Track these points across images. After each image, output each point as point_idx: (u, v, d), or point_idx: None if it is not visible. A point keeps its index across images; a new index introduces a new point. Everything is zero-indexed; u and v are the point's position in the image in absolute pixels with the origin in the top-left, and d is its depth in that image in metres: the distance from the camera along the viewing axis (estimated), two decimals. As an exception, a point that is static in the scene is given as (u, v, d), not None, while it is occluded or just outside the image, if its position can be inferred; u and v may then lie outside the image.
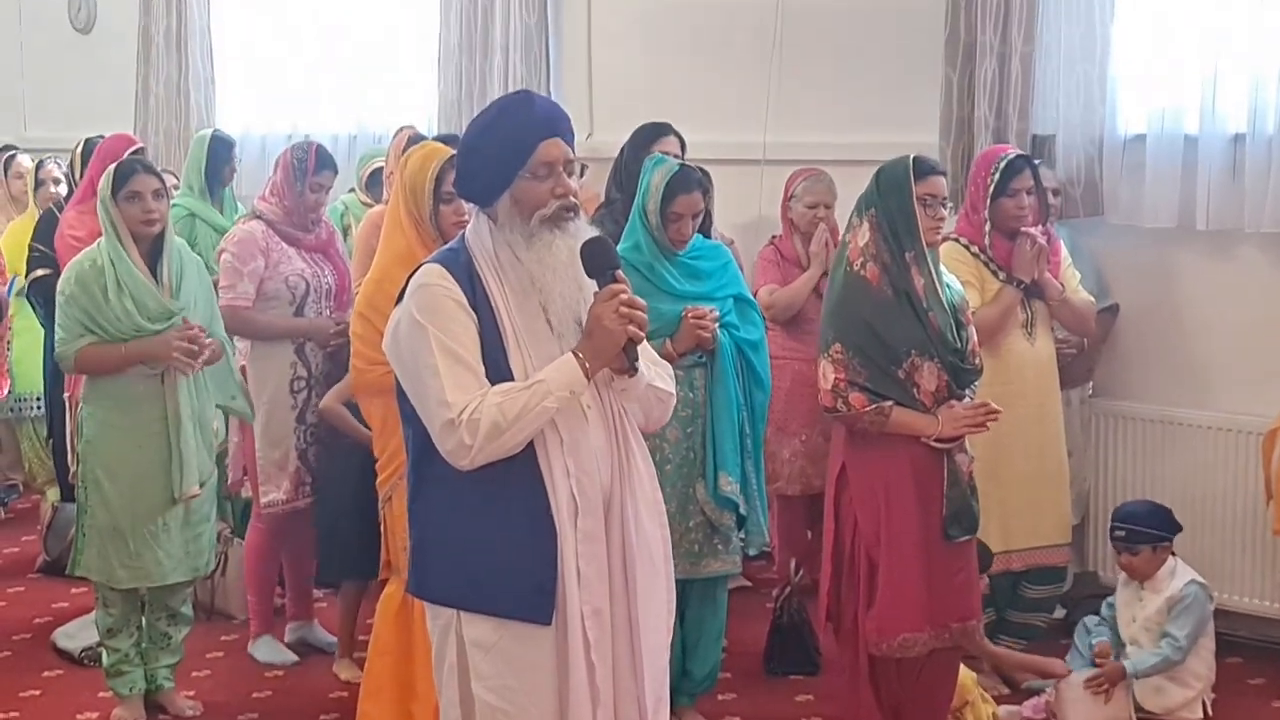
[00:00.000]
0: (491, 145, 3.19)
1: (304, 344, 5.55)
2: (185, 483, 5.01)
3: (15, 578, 6.76)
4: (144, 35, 9.40)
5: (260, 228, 5.54)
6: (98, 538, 5.05)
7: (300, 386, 5.54)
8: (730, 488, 4.88)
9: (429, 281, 3.17)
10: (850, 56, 6.79)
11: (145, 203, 4.98)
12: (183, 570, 5.15)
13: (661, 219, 4.90)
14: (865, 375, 4.31)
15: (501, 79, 7.70)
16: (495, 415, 3.04)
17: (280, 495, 5.54)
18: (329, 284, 5.60)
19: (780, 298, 5.99)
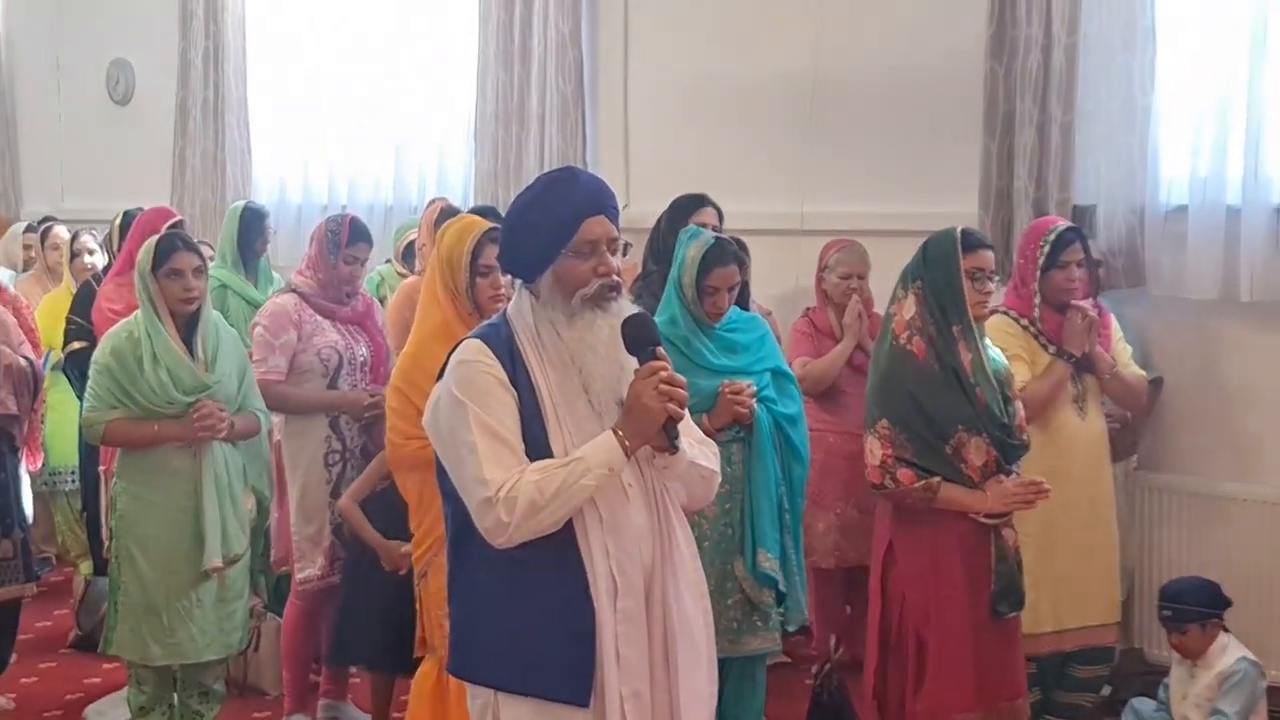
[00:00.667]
0: (536, 222, 3.17)
1: (338, 417, 5.50)
2: (208, 555, 4.97)
3: (47, 653, 6.70)
4: (181, 107, 9.48)
5: (293, 301, 5.52)
6: (131, 615, 5.02)
7: (335, 460, 5.50)
8: (769, 564, 4.81)
9: (469, 358, 3.15)
10: (887, 126, 6.77)
11: (185, 280, 4.98)
12: (216, 647, 5.11)
13: (697, 292, 4.86)
14: (912, 451, 4.26)
15: (538, 150, 7.71)
16: (533, 493, 3.01)
17: (315, 571, 5.49)
18: (363, 356, 5.56)
19: (814, 370, 5.94)
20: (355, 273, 5.60)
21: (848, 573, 5.94)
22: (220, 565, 5.01)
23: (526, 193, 3.29)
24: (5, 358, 5.65)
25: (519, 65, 7.81)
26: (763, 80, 7.15)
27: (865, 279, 6.09)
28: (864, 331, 5.96)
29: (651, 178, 7.46)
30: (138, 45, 10.18)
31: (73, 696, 6.12)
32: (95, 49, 10.43)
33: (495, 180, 7.88)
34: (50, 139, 10.89)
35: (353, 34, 8.81)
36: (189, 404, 4.97)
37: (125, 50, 10.30)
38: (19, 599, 5.89)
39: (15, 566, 5.77)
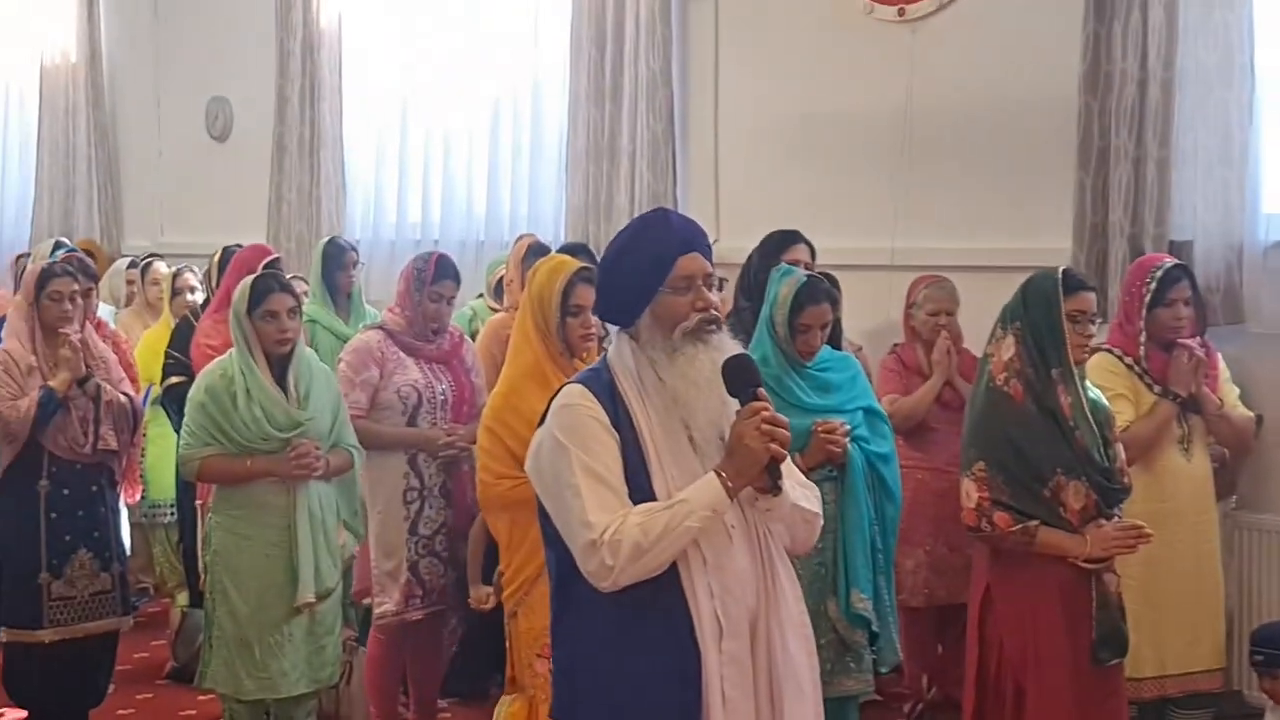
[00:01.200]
0: (631, 263, 3.19)
1: (417, 455, 5.52)
2: (300, 590, 5.02)
3: (144, 683, 6.78)
4: (278, 143, 9.61)
5: (378, 338, 5.57)
6: (225, 649, 5.08)
7: (413, 497, 5.51)
8: (863, 604, 4.78)
9: (571, 401, 3.16)
10: (980, 160, 6.73)
11: (280, 322, 5.04)
12: (307, 681, 5.15)
13: (790, 330, 4.84)
14: (1009, 494, 4.22)
15: (628, 186, 7.73)
16: (637, 535, 3.00)
17: (391, 606, 5.51)
18: (444, 395, 5.58)
19: (902, 407, 5.89)
20: (441, 310, 5.62)
21: (939, 611, 5.88)
22: (313, 600, 5.06)
23: (619, 237, 3.31)
24: (106, 394, 5.75)
25: (610, 102, 7.85)
26: (854, 116, 7.13)
27: (954, 315, 6.04)
28: (952, 368, 5.91)
29: (742, 213, 7.46)
30: (236, 82, 10.35)
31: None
32: (195, 86, 10.61)
33: (586, 216, 7.91)
34: (151, 175, 11.08)
35: (446, 70, 8.89)
36: (283, 440, 5.03)
37: (224, 88, 10.47)
38: (116, 631, 5.99)
39: (113, 599, 5.87)
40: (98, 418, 5.73)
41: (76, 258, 6.72)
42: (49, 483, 5.71)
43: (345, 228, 9.19)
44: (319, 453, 5.07)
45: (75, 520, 5.75)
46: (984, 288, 5.87)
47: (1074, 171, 6.17)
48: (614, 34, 7.79)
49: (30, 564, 5.71)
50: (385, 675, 5.74)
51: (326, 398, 5.21)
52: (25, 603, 5.72)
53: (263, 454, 5.05)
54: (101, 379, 5.78)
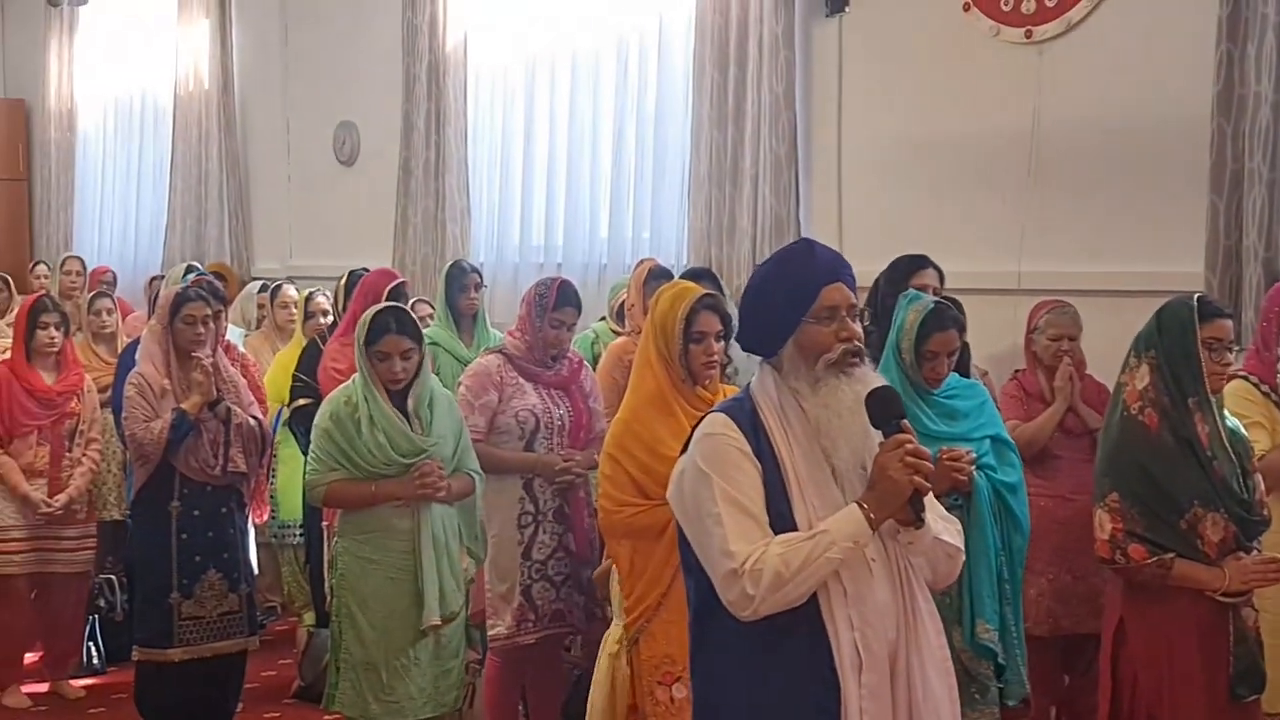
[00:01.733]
0: (775, 293, 3.20)
1: (532, 480, 5.54)
2: (426, 613, 5.06)
3: (271, 702, 6.87)
4: (404, 168, 9.72)
5: (497, 362, 5.60)
6: (352, 672, 5.13)
7: (528, 522, 5.53)
8: (988, 635, 4.71)
9: (714, 431, 3.17)
10: (1109, 184, 6.61)
11: (392, 364, 5.08)
12: (433, 705, 5.18)
13: (916, 357, 4.80)
14: (1144, 526, 4.13)
15: (751, 210, 7.70)
16: (778, 565, 3.00)
17: (504, 629, 5.52)
18: (561, 420, 5.59)
19: (1024, 434, 5.77)
20: (561, 337, 5.64)
21: (1064, 640, 5.77)
22: (439, 623, 5.10)
23: (763, 268, 3.35)
24: (236, 417, 5.85)
25: (733, 126, 7.83)
26: (979, 138, 7.05)
27: (1076, 340, 5.93)
28: (1075, 394, 5.80)
29: (865, 237, 7.40)
30: (363, 108, 10.50)
31: (295, 747, 6.27)
32: (323, 112, 10.78)
33: (709, 239, 7.90)
34: (280, 200, 11.28)
35: (569, 93, 8.94)
36: (406, 466, 5.08)
37: (351, 113, 10.62)
38: (244, 651, 6.08)
39: (241, 620, 5.97)
40: (228, 440, 5.84)
41: (207, 281, 6.86)
42: (180, 504, 5.83)
43: (469, 251, 9.27)
44: (443, 473, 5.10)
45: (205, 541, 5.86)
46: (1113, 312, 5.78)
47: (1206, 195, 6.04)
48: (737, 57, 7.77)
49: (161, 584, 5.83)
50: (503, 698, 5.76)
51: (449, 423, 5.24)
52: (157, 622, 5.85)
53: (387, 479, 5.10)
54: (231, 402, 5.89)
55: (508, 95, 9.39)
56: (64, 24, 13.52)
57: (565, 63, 8.98)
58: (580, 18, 8.87)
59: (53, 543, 6.76)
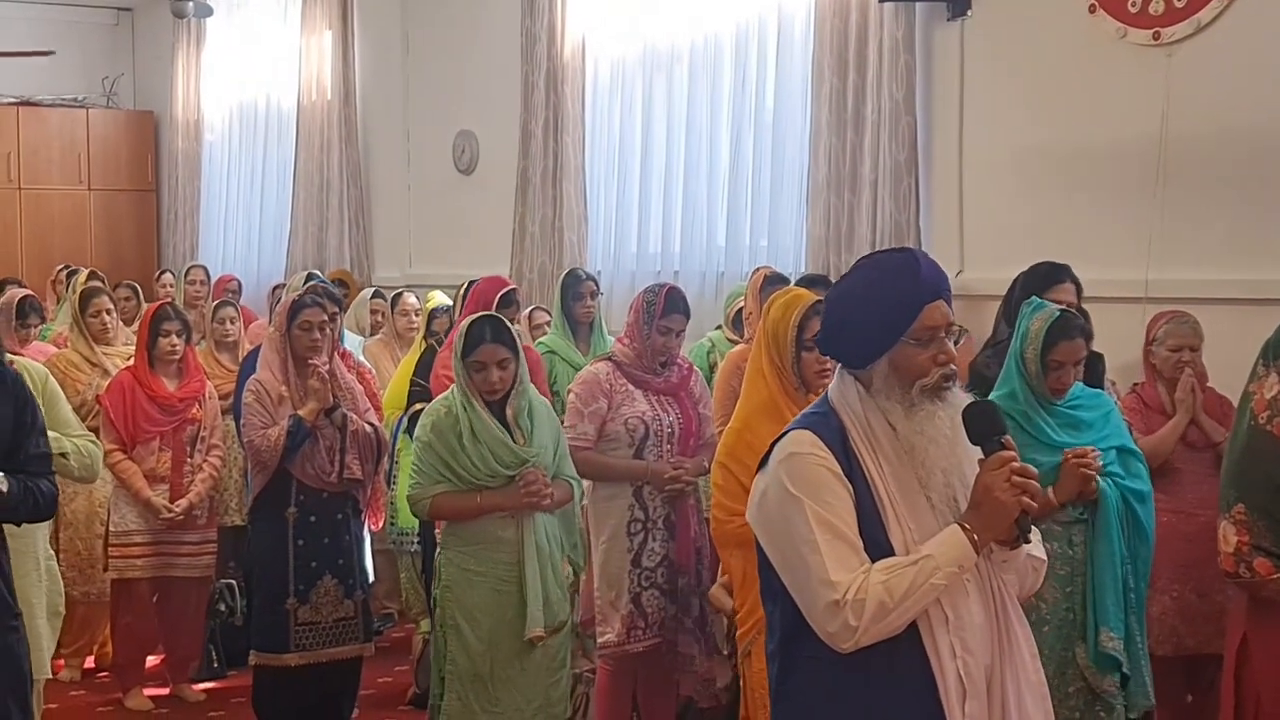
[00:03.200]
0: (874, 306, 3.03)
1: (642, 487, 5.49)
2: (530, 623, 5.02)
3: (387, 708, 6.90)
4: (522, 176, 9.76)
5: (607, 369, 5.56)
6: (458, 684, 5.10)
7: (637, 529, 5.49)
8: (1113, 644, 4.59)
9: (802, 450, 3.02)
10: (1239, 189, 6.42)
11: (488, 374, 5.05)
12: (543, 716, 5.14)
13: (1041, 367, 4.68)
14: (1271, 539, 3.97)
15: (869, 217, 7.60)
16: (881, 594, 2.88)
17: (613, 636, 5.49)
18: (671, 427, 5.53)
19: (1144, 447, 5.60)
20: (670, 343, 5.59)
21: (1188, 660, 5.62)
22: (543, 634, 5.05)
23: (858, 273, 3.18)
24: (352, 424, 5.88)
25: (851, 131, 7.74)
26: (1105, 144, 6.89)
27: (1197, 351, 5.76)
28: (1197, 406, 5.64)
29: (986, 245, 7.28)
30: (482, 117, 10.56)
31: (409, 753, 6.28)
32: (443, 121, 10.87)
33: (827, 246, 7.81)
34: (400, 208, 11.38)
35: (686, 100, 8.91)
36: (510, 476, 5.05)
37: (471, 122, 10.69)
38: (360, 657, 6.11)
39: (355, 626, 6.00)
40: (344, 447, 5.87)
41: (323, 287, 6.92)
42: (297, 510, 5.87)
43: (586, 259, 9.28)
44: (547, 481, 5.08)
45: (321, 547, 5.90)
46: (1242, 321, 5.61)
47: (1344, 197, 5.87)
48: (856, 62, 7.68)
49: (278, 589, 5.88)
50: (614, 706, 5.73)
51: (549, 432, 5.22)
52: (273, 627, 5.89)
53: (491, 490, 5.07)
54: (348, 409, 5.91)
55: (625, 103, 9.38)
56: (191, 36, 13.78)
57: (683, 69, 8.95)
58: (699, 20, 8.82)
59: (174, 547, 6.82)
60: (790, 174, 8.30)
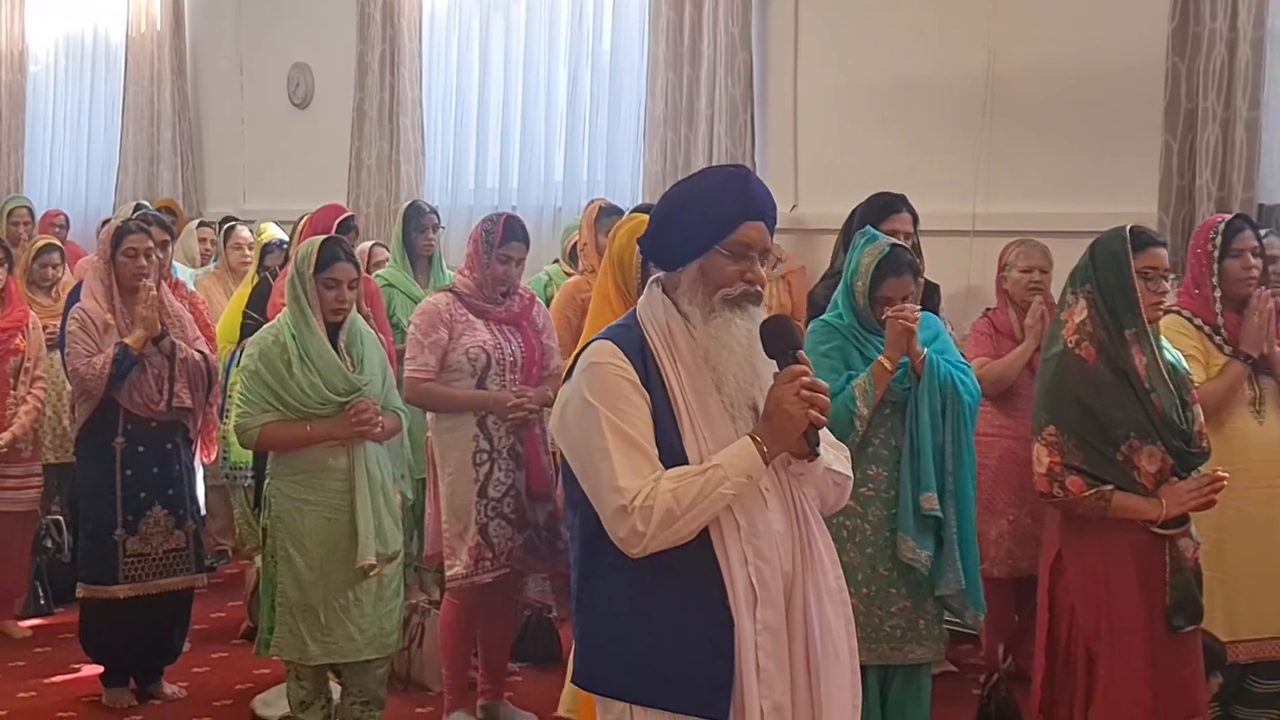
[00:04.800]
0: (697, 210, 3.07)
1: (486, 417, 5.48)
2: (361, 552, 4.98)
3: (220, 643, 6.83)
4: (358, 110, 9.66)
5: (447, 300, 5.54)
6: (289, 614, 5.05)
7: (483, 460, 5.47)
8: (932, 505, 4.65)
9: (600, 360, 3.05)
10: (1064, 124, 6.60)
11: (341, 291, 5.01)
12: (375, 646, 5.11)
13: (869, 301, 4.77)
14: (1082, 459, 4.11)
15: (706, 150, 7.67)
16: (669, 501, 2.92)
17: (461, 569, 5.48)
18: (513, 356, 5.53)
19: (992, 371, 5.79)
20: (510, 272, 5.57)
21: (1020, 582, 5.79)
22: (374, 562, 5.01)
23: (694, 180, 3.22)
24: (181, 352, 5.78)
25: (688, 67, 7.78)
26: (934, 80, 7.02)
27: (1048, 274, 5.92)
28: (1045, 333, 5.81)
29: (820, 179, 7.38)
30: (317, 49, 10.40)
31: (243, 686, 6.21)
32: (276, 54, 10.68)
33: (664, 181, 7.83)
34: (234, 142, 11.18)
35: (524, 36, 8.87)
36: (340, 405, 5.00)
37: (305, 54, 10.53)
38: (191, 589, 6.03)
39: (187, 557, 5.92)
40: (173, 375, 5.77)
41: (151, 214, 6.77)
42: (124, 440, 5.76)
43: (424, 193, 9.22)
44: (378, 410, 5.05)
45: (150, 477, 5.80)
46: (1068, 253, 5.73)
47: (1160, 134, 6.04)
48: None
49: (106, 520, 5.77)
50: (457, 638, 5.73)
51: (377, 361, 5.18)
52: (101, 558, 5.79)
53: (321, 419, 5.02)
54: (177, 337, 5.81)
55: (463, 37, 9.32)
56: (13, -35, 13.34)
57: (520, 3, 8.90)
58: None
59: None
60: (627, 109, 8.33)
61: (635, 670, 3.04)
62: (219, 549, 8.05)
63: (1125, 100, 6.36)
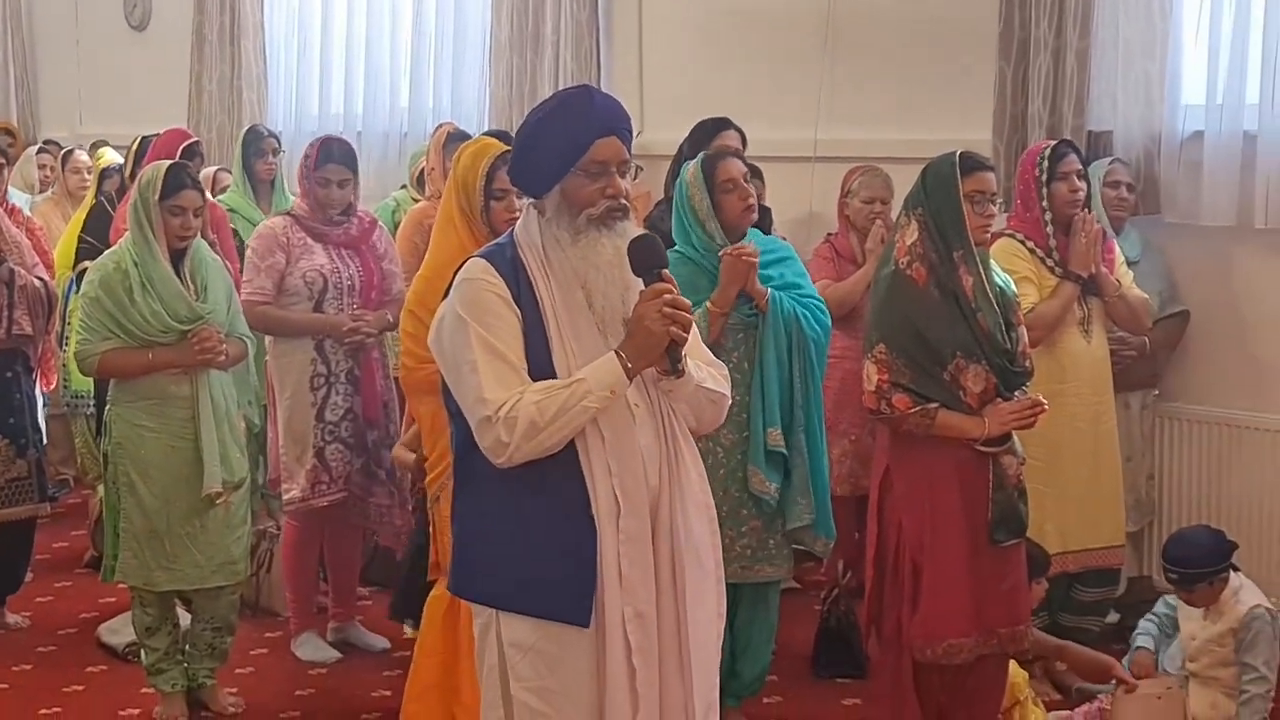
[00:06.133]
0: (548, 137, 3.14)
1: (324, 341, 5.49)
2: (207, 480, 4.96)
3: (63, 572, 6.77)
4: (197, 32, 9.49)
5: (284, 223, 5.53)
6: (134, 542, 5.01)
7: (320, 384, 5.49)
8: (777, 441, 4.73)
9: (473, 276, 3.14)
10: (902, 52, 6.72)
11: (186, 219, 4.96)
12: (223, 573, 5.10)
13: (712, 203, 4.79)
14: (909, 377, 4.23)
15: (552, 76, 7.68)
16: (533, 413, 3.00)
17: (298, 492, 5.51)
18: (351, 280, 5.53)
19: (834, 294, 5.90)
20: (331, 195, 5.54)
21: (860, 500, 5.90)
22: (220, 490, 4.98)
23: (541, 107, 3.26)
24: (20, 278, 5.68)
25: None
26: (777, 8, 7.10)
27: (889, 204, 6.05)
28: (882, 258, 5.94)
29: (666, 105, 7.43)
30: (155, -31, 10.18)
31: (87, 615, 6.17)
32: (112, -27, 10.43)
33: (510, 106, 7.85)
34: (69, 64, 10.92)
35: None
36: (183, 332, 4.95)
37: (142, -26, 10.29)
38: (34, 518, 5.96)
39: (30, 486, 5.85)
40: (11, 302, 5.69)
41: (-17, 135, 6.62)
42: (-37, 367, 5.66)
43: (266, 119, 9.10)
44: (221, 338, 5.01)
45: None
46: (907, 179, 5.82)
47: (995, 62, 6.18)
48: (538, -78, 7.70)
49: (-54, 448, 5.67)
50: (300, 562, 5.76)
51: (221, 288, 5.13)
52: (-59, 488, 5.69)
53: (163, 347, 4.96)
54: (15, 263, 5.70)
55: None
56: None
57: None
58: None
59: None
60: (473, 34, 8.30)
61: (503, 578, 3.14)
62: (60, 478, 7.93)
63: (962, 29, 6.49)
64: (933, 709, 4.45)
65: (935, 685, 4.42)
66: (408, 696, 4.65)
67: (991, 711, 4.59)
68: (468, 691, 4.30)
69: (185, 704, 5.20)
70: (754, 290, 4.73)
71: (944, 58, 6.57)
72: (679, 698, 3.17)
